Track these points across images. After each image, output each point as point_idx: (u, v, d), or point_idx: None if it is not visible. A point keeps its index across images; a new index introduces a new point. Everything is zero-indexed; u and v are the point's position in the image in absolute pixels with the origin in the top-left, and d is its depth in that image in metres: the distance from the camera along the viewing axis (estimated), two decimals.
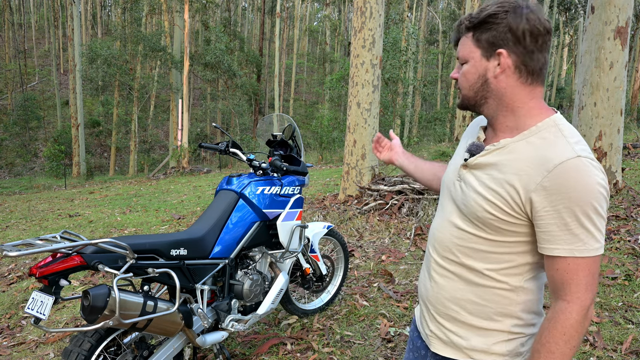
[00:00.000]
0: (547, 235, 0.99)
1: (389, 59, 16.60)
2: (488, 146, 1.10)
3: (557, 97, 37.04)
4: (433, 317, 1.21)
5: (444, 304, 1.17)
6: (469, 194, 1.09)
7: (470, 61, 1.08)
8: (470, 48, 1.08)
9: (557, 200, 0.95)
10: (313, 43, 56.36)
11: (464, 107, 1.16)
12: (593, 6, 4.72)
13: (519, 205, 1.01)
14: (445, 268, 1.17)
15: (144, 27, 28.65)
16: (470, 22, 1.07)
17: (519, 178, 1.00)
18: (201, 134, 31.51)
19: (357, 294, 3.54)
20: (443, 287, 1.17)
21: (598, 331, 2.66)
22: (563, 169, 0.95)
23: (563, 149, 0.97)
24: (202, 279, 2.28)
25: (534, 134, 1.04)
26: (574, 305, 0.98)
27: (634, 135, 10.04)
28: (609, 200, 4.67)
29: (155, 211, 7.41)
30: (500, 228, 1.05)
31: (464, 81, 1.11)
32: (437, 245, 1.19)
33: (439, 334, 1.20)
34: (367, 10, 5.97)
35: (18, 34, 44.44)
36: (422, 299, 1.27)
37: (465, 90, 1.11)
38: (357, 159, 6.16)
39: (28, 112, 31.33)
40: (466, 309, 1.13)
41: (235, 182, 2.57)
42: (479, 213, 1.06)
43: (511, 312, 1.10)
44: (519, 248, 1.06)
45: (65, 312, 3.59)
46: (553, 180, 0.95)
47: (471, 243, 1.10)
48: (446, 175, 1.23)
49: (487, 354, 1.12)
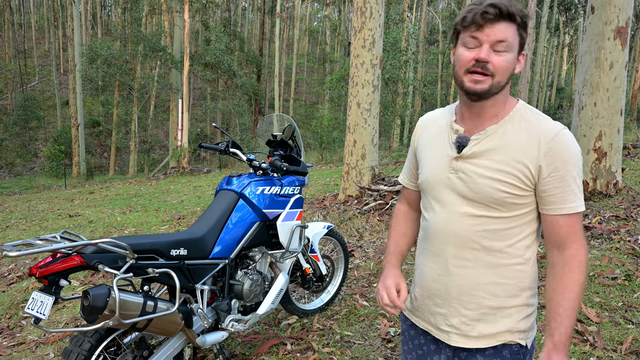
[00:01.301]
0: (554, 197, 1.14)
1: (389, 59, 16.60)
2: (475, 136, 1.19)
3: (557, 97, 37.04)
4: (456, 311, 1.24)
5: (470, 294, 1.22)
6: (478, 180, 1.17)
7: (512, 51, 1.13)
8: (514, 39, 1.14)
9: (561, 166, 1.12)
10: (313, 43, 56.35)
11: (489, 93, 1.14)
12: (593, 6, 4.72)
13: (529, 179, 1.14)
14: (464, 258, 1.22)
15: (144, 27, 28.65)
16: (520, 17, 1.12)
17: (524, 155, 1.14)
18: (201, 134, 31.51)
19: (357, 294, 3.54)
20: (466, 277, 1.22)
21: (598, 331, 2.66)
22: (559, 139, 1.13)
23: (551, 124, 1.15)
24: (202, 279, 2.28)
25: (513, 118, 1.18)
26: (581, 248, 1.16)
27: (634, 135, 10.04)
28: (609, 200, 4.67)
29: (155, 211, 7.41)
30: (514, 204, 1.16)
31: (504, 67, 1.12)
32: (453, 239, 1.23)
33: (463, 328, 1.24)
34: (367, 10, 5.97)
35: (18, 34, 44.44)
36: (433, 297, 1.29)
37: (501, 76, 1.13)
38: (357, 159, 6.15)
39: (28, 112, 31.33)
40: (491, 292, 1.21)
41: (235, 182, 2.57)
42: (495, 195, 1.15)
43: (527, 284, 1.22)
44: (527, 218, 1.19)
45: (65, 312, 3.59)
46: (554, 149, 1.12)
47: (488, 225, 1.19)
48: (431, 175, 1.27)
49: (511, 333, 1.22)
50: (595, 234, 4.03)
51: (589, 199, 4.76)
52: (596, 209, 4.52)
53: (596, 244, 3.93)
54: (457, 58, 1.16)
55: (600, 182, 4.74)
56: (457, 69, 1.16)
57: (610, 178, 4.73)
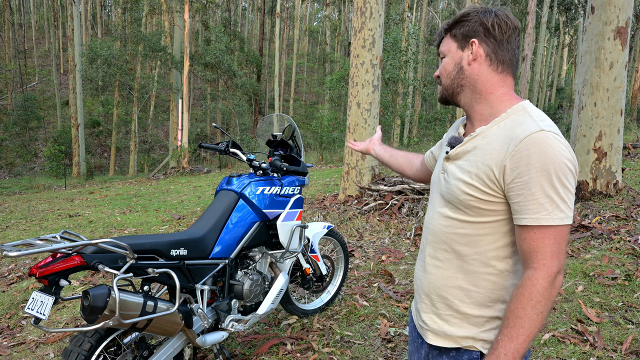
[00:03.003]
0: (516, 205, 1.05)
1: (389, 59, 16.59)
2: (467, 137, 1.19)
3: (557, 97, 37.03)
4: (428, 308, 1.26)
5: (438, 294, 1.22)
6: (451, 181, 1.17)
7: (448, 54, 1.20)
8: (448, 44, 1.20)
9: (524, 171, 1.02)
10: (313, 43, 56.33)
11: (443, 99, 1.24)
12: (593, 6, 4.72)
13: (494, 182, 1.07)
14: (437, 258, 1.23)
15: (144, 27, 28.63)
16: (448, 25, 1.21)
17: (491, 157, 1.08)
18: (201, 134, 31.51)
19: (357, 294, 3.54)
20: (436, 277, 1.23)
21: (598, 331, 2.66)
22: (528, 142, 1.02)
23: (529, 126, 1.05)
24: (202, 279, 2.28)
25: (504, 119, 1.12)
26: (541, 272, 1.02)
27: (634, 135, 10.04)
28: (609, 201, 4.67)
29: (155, 211, 7.41)
30: (480, 208, 1.11)
31: (443, 72, 1.21)
32: (430, 237, 1.26)
33: (432, 326, 1.24)
34: (367, 11, 5.97)
35: (18, 34, 44.44)
36: (417, 292, 1.33)
37: (444, 79, 1.21)
38: (357, 159, 6.16)
39: (28, 112, 31.32)
40: (458, 297, 1.18)
41: (235, 182, 2.57)
42: (460, 196, 1.13)
43: (500, 296, 1.15)
44: (500, 228, 1.11)
45: (65, 312, 3.59)
46: (520, 152, 1.02)
47: (457, 229, 1.16)
48: (434, 173, 1.33)
49: (475, 340, 1.17)
50: (595, 234, 4.03)
51: (589, 199, 4.76)
52: (596, 209, 4.52)
53: (596, 244, 3.93)
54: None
55: (600, 182, 4.74)
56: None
57: (610, 178, 4.73)
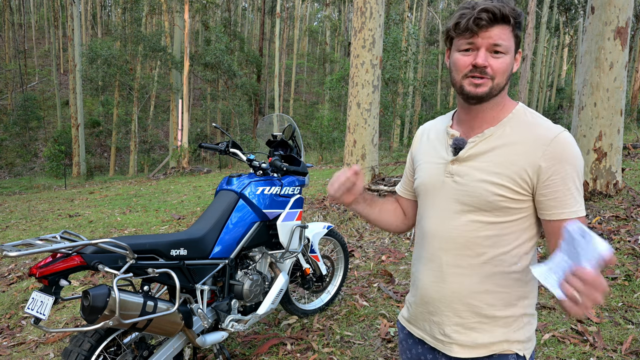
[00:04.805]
0: (554, 201, 1.09)
1: (389, 59, 16.58)
2: (472, 138, 1.17)
3: (557, 97, 37.03)
4: (449, 319, 1.19)
5: (463, 302, 1.17)
6: (473, 184, 1.14)
7: (509, 53, 1.13)
8: (510, 41, 1.13)
9: (560, 168, 1.08)
10: (313, 43, 56.32)
11: (489, 95, 1.13)
12: (593, 6, 4.72)
13: (526, 182, 1.10)
14: (459, 266, 1.17)
15: (144, 27, 28.64)
16: (514, 18, 1.11)
17: (522, 157, 1.10)
18: (201, 134, 31.50)
19: (357, 294, 3.54)
20: (461, 285, 1.17)
21: (598, 331, 2.66)
22: (559, 141, 1.09)
23: (551, 126, 1.12)
24: (202, 279, 2.28)
25: (512, 120, 1.16)
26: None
27: (634, 136, 10.04)
28: (609, 201, 4.66)
29: (155, 211, 7.41)
30: (509, 208, 1.12)
31: (500, 69, 1.11)
32: (447, 245, 1.19)
33: (458, 337, 1.18)
34: (367, 11, 5.97)
35: (18, 34, 44.43)
36: (427, 305, 1.25)
37: (500, 77, 1.12)
38: (357, 159, 6.16)
39: (28, 112, 31.30)
40: (486, 300, 1.16)
41: (235, 182, 2.57)
42: (490, 198, 1.11)
43: (525, 293, 1.18)
44: (523, 224, 1.14)
45: (65, 312, 3.59)
46: (553, 151, 1.08)
47: (482, 231, 1.14)
48: (427, 178, 1.25)
49: (509, 343, 1.16)
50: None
51: (589, 199, 4.76)
52: (596, 209, 4.52)
53: None
54: (454, 63, 1.14)
55: (600, 182, 4.74)
56: (454, 74, 1.15)
57: (610, 178, 4.73)
